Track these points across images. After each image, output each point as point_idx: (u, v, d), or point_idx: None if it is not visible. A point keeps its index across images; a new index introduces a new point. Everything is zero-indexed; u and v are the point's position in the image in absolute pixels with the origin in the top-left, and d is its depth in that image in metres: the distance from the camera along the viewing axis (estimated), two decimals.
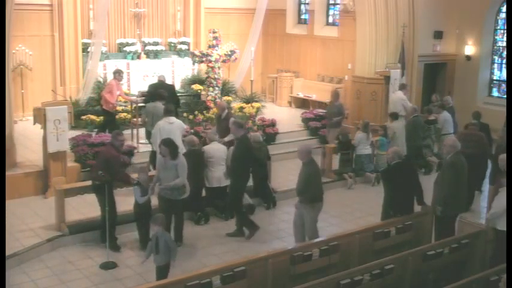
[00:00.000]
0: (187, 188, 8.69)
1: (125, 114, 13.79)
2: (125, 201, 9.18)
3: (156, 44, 16.60)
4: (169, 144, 8.47)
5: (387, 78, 14.82)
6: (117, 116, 13.52)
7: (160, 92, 11.91)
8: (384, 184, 8.71)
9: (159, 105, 11.33)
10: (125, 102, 13.74)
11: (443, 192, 8.11)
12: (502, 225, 7.39)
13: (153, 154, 11.01)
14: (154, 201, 8.88)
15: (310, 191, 8.38)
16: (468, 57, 16.87)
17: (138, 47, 16.19)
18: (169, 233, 7.67)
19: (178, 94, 14.11)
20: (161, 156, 8.64)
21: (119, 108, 13.72)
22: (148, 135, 11.64)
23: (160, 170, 8.65)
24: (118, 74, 12.98)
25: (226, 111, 11.49)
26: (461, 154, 8.33)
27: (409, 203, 8.31)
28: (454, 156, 8.22)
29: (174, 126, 10.45)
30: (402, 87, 14.31)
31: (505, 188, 7.48)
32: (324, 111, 14.64)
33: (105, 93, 12.73)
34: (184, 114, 13.80)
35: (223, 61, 14.58)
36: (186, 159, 9.39)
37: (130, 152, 11.66)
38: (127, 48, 16.02)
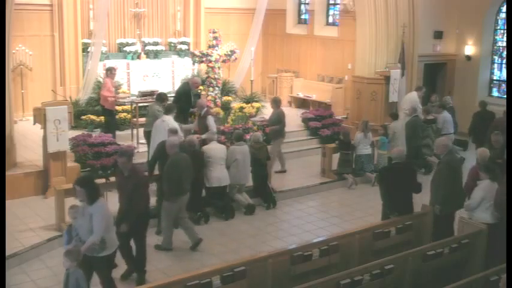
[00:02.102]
0: (110, 242, 6.68)
1: (125, 114, 13.82)
2: None
3: (156, 44, 16.59)
4: (84, 184, 6.48)
5: (387, 78, 14.84)
6: (117, 116, 13.56)
7: (160, 93, 12.03)
8: (378, 183, 8.78)
9: (155, 107, 11.42)
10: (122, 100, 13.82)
11: (441, 191, 8.20)
12: (477, 217, 7.81)
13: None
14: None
15: (165, 184, 8.58)
16: (468, 57, 16.87)
17: (138, 47, 16.18)
18: (82, 272, 6.14)
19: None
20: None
21: (118, 108, 13.74)
22: (145, 134, 11.68)
23: (77, 216, 6.68)
24: (110, 71, 13.04)
25: (205, 109, 11.53)
26: (455, 152, 8.53)
27: (406, 203, 8.31)
28: (448, 155, 8.42)
29: (165, 124, 10.47)
30: (418, 88, 14.33)
31: (483, 181, 7.90)
32: (261, 118, 13.89)
33: (104, 92, 12.81)
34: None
35: (223, 61, 14.59)
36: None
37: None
38: (127, 48, 16.01)
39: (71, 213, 6.77)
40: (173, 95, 13.44)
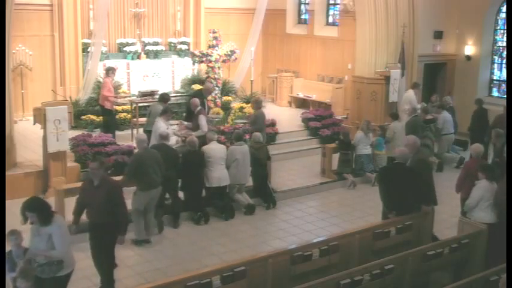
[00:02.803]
0: (67, 260, 6.35)
1: (125, 114, 13.82)
2: None
3: (156, 44, 16.60)
4: (34, 209, 6.13)
5: (387, 78, 14.84)
6: (117, 116, 13.57)
7: (163, 94, 12.06)
8: (378, 182, 8.80)
9: (158, 106, 11.43)
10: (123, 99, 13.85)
11: (427, 189, 8.23)
12: (476, 217, 7.86)
13: None
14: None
15: (131, 177, 8.72)
16: (468, 57, 16.86)
17: (138, 47, 16.19)
18: None
19: (178, 95, 14.30)
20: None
21: (118, 108, 13.74)
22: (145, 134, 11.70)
23: (32, 237, 6.31)
24: (111, 71, 13.06)
25: (198, 108, 11.56)
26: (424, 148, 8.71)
27: (405, 203, 8.30)
28: (419, 153, 8.53)
29: (158, 125, 10.53)
30: (414, 86, 14.31)
31: (481, 180, 7.94)
32: (245, 120, 13.66)
33: (104, 91, 12.84)
34: (184, 115, 13.79)
35: (223, 61, 14.60)
36: (186, 159, 9.41)
37: (131, 152, 11.66)
38: (127, 48, 16.02)
39: (12, 240, 6.28)
40: (174, 95, 13.47)
